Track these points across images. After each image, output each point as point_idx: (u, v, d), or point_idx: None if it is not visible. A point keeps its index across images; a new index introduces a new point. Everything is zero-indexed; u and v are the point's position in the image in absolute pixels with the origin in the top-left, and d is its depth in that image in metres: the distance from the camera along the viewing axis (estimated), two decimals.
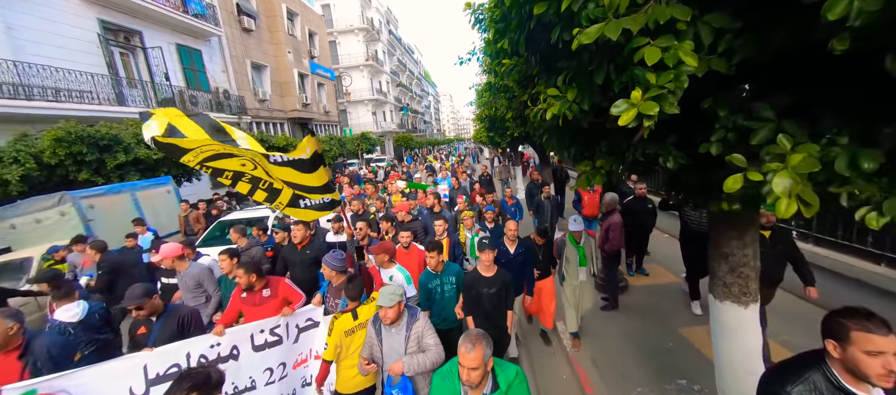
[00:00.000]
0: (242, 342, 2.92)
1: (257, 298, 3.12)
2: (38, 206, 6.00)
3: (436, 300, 3.15)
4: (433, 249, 3.10)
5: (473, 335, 1.74)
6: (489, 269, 2.95)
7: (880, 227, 0.95)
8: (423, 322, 2.38)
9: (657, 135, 1.28)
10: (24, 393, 2.28)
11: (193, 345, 2.77)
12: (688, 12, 0.85)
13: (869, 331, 1.22)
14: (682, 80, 0.88)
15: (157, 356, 2.66)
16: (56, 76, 8.85)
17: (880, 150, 0.87)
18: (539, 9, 1.04)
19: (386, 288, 2.31)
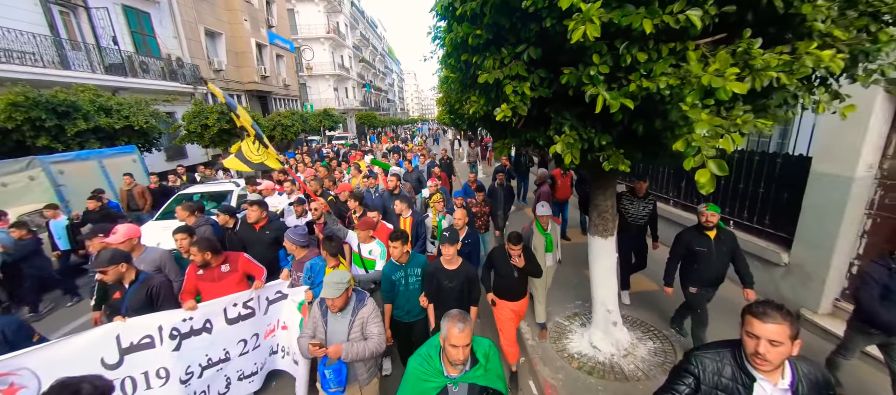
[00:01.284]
0: (216, 315, 2.97)
1: (216, 273, 3.12)
2: (4, 170, 6.03)
3: (399, 292, 3.00)
4: (397, 238, 2.91)
5: (458, 314, 1.76)
6: (452, 261, 2.81)
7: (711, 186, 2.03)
8: (370, 309, 2.34)
9: (532, 125, 2.35)
10: None
11: (166, 318, 2.77)
12: (523, 68, 1.86)
13: (753, 315, 1.34)
14: (527, 99, 1.90)
15: (129, 326, 2.65)
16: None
17: (612, 134, 1.99)
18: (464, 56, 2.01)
19: (332, 277, 2.26)
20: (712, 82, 1.36)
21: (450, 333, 1.72)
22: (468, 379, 1.78)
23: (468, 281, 2.84)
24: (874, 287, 2.49)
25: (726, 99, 1.38)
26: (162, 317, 2.75)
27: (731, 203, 4.88)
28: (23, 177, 6.09)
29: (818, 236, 3.73)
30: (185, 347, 2.84)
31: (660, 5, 1.47)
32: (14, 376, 2.26)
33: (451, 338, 1.72)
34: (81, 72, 10.36)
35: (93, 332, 2.58)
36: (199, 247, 3.03)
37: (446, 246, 2.77)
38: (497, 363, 1.89)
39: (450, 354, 1.74)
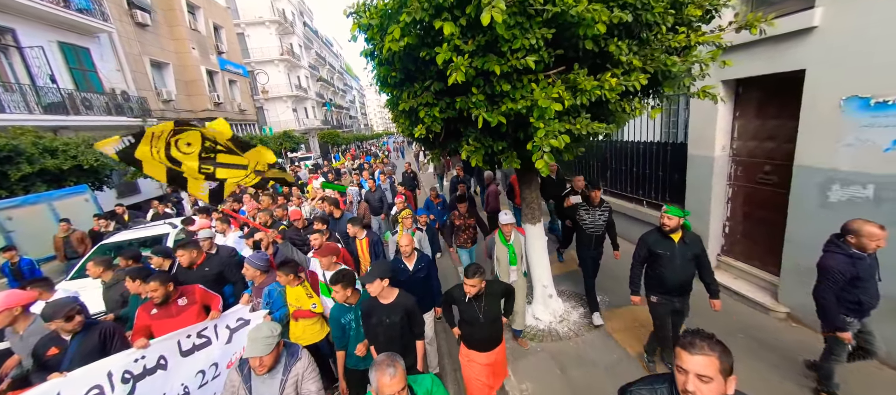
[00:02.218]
0: (169, 350, 2.80)
1: (173, 309, 2.98)
2: None
3: (350, 337, 2.74)
4: (338, 281, 2.59)
5: (385, 359, 1.60)
6: (385, 295, 2.51)
7: (545, 172, 2.75)
8: (305, 363, 2.07)
9: (451, 139, 3.00)
10: None
11: (114, 362, 2.54)
12: (432, 97, 2.51)
13: (682, 348, 1.25)
14: (439, 120, 2.54)
15: (71, 380, 2.34)
16: None
17: (506, 141, 2.69)
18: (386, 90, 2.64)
19: (257, 332, 1.97)
20: (543, 103, 2.05)
21: (380, 384, 1.55)
22: None
23: (407, 315, 2.54)
24: (840, 280, 2.45)
25: (551, 115, 2.06)
26: (110, 362, 2.51)
27: (643, 185, 5.82)
28: None
29: (698, 205, 4.66)
30: (139, 389, 2.60)
31: (511, 53, 2.15)
32: None
33: (382, 389, 1.54)
34: (18, 114, 9.94)
35: (36, 390, 2.23)
36: (161, 280, 2.88)
37: (374, 283, 2.41)
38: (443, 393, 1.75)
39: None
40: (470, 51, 2.09)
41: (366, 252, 4.23)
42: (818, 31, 3.14)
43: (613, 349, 3.78)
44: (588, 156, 7.36)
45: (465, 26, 2.05)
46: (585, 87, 2.20)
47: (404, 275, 3.23)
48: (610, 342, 3.90)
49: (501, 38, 2.00)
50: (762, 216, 4.12)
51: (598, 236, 4.07)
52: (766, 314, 3.93)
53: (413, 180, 9.40)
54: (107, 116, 12.84)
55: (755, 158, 4.12)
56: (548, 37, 2.13)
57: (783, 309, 3.81)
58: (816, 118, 3.25)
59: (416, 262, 3.32)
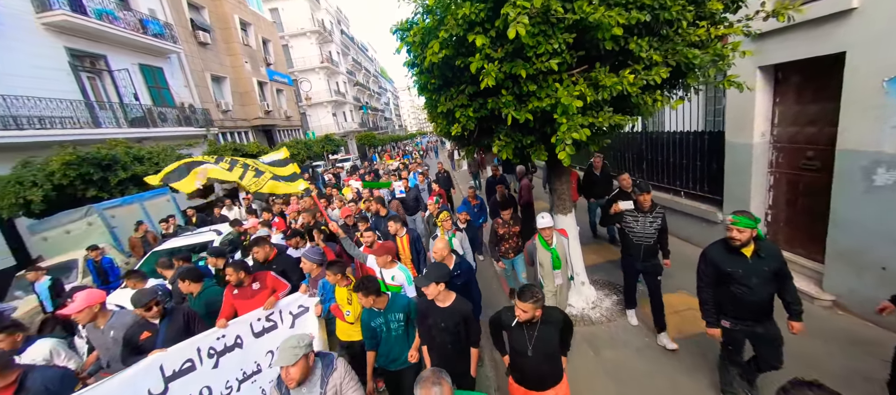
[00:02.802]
0: (244, 331, 3.14)
1: (248, 292, 3.36)
2: (67, 219, 7.15)
3: (381, 340, 2.72)
4: (359, 289, 2.54)
5: (433, 376, 1.56)
6: (442, 299, 2.44)
7: (567, 162, 3.00)
8: (343, 371, 2.02)
9: (484, 136, 3.33)
10: None
11: (202, 340, 2.91)
12: (466, 99, 2.83)
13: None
14: (473, 119, 2.87)
15: (170, 355, 2.76)
16: (40, 106, 9.59)
17: (535, 136, 2.96)
18: (426, 94, 3.01)
19: (286, 341, 1.92)
20: (566, 100, 2.31)
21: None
22: None
23: (464, 321, 2.43)
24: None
25: (573, 111, 2.32)
26: (198, 340, 2.90)
27: (680, 175, 5.76)
28: (82, 223, 7.20)
29: (737, 194, 4.60)
30: (222, 364, 3.00)
31: (536, 57, 2.43)
32: None
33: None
34: (111, 128, 11.61)
35: (136, 367, 2.63)
36: (235, 268, 3.32)
37: (430, 287, 2.36)
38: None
39: None
40: (499, 58, 2.41)
41: (406, 248, 4.33)
42: (857, 13, 3.07)
43: (645, 333, 3.90)
44: (623, 148, 7.33)
45: (495, 37, 2.37)
46: (606, 83, 2.44)
47: None
48: (642, 327, 4.02)
49: (527, 46, 2.30)
50: (805, 203, 4.02)
51: (647, 246, 3.49)
52: (812, 303, 3.84)
53: (447, 180, 9.48)
54: (178, 127, 14.53)
55: (796, 144, 4.03)
56: (569, 41, 2.40)
57: (829, 297, 3.72)
58: (859, 101, 3.18)
59: (453, 268, 3.11)
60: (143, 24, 13.74)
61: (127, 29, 12.83)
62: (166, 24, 14.91)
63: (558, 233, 3.61)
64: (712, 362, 3.24)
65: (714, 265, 2.55)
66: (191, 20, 16.94)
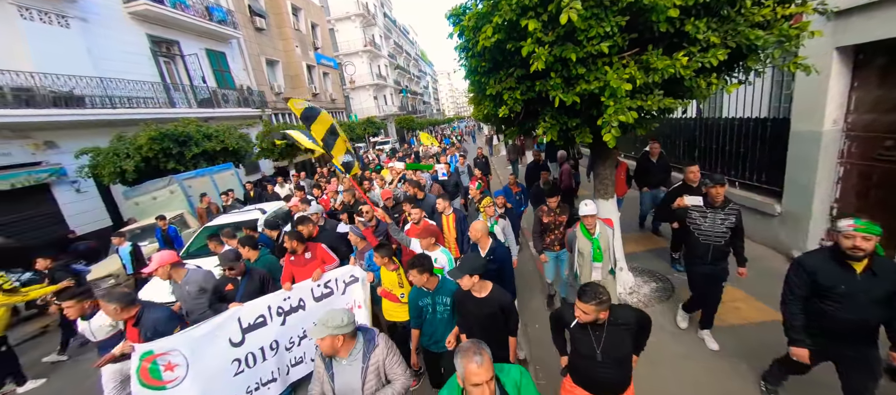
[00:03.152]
0: (306, 295, 3.49)
1: (302, 260, 3.71)
2: (153, 187, 8.24)
3: (426, 320, 2.74)
4: (414, 266, 2.55)
5: (472, 346, 1.54)
6: (478, 289, 2.41)
7: (612, 144, 3.05)
8: (384, 347, 2.01)
9: (528, 119, 3.44)
10: (143, 353, 2.74)
11: (272, 299, 3.30)
12: (514, 82, 2.94)
13: None
14: (520, 102, 2.99)
15: (247, 309, 3.17)
16: (128, 87, 10.91)
17: (580, 118, 3.02)
18: (475, 78, 3.16)
19: (321, 318, 1.95)
20: (614, 83, 2.37)
21: (467, 370, 1.48)
22: None
23: (502, 310, 2.40)
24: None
25: (622, 94, 2.38)
26: (268, 299, 3.28)
27: (736, 165, 5.46)
28: (165, 191, 8.25)
29: (800, 185, 4.32)
30: (288, 322, 3.40)
31: (587, 41, 2.50)
32: (169, 355, 2.84)
33: (469, 377, 1.48)
34: (183, 108, 12.92)
35: (220, 316, 3.07)
36: (290, 237, 3.69)
37: (463, 279, 2.32)
38: (532, 391, 1.64)
39: (472, 393, 1.47)
40: (550, 41, 2.51)
41: (452, 228, 4.34)
42: None
43: (683, 319, 3.89)
44: (674, 134, 7.00)
45: (547, 21, 2.46)
46: (657, 66, 2.45)
47: None
48: (682, 315, 4.00)
49: (578, 29, 2.38)
50: (879, 196, 3.72)
51: (717, 247, 3.11)
52: None
53: (486, 165, 9.37)
54: (237, 108, 15.80)
55: (873, 132, 3.70)
56: (621, 23, 2.43)
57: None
58: None
59: (487, 252, 3.12)
60: (209, 12, 14.91)
61: (196, 16, 14.02)
62: (228, 10, 16.04)
63: (602, 222, 3.33)
64: (750, 350, 3.22)
65: (811, 276, 2.17)
66: (248, 6, 18.05)
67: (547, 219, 3.98)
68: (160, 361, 2.83)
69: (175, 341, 2.86)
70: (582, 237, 3.31)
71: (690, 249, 3.30)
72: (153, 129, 8.91)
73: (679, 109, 3.19)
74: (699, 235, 3.18)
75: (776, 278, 2.85)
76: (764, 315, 3.66)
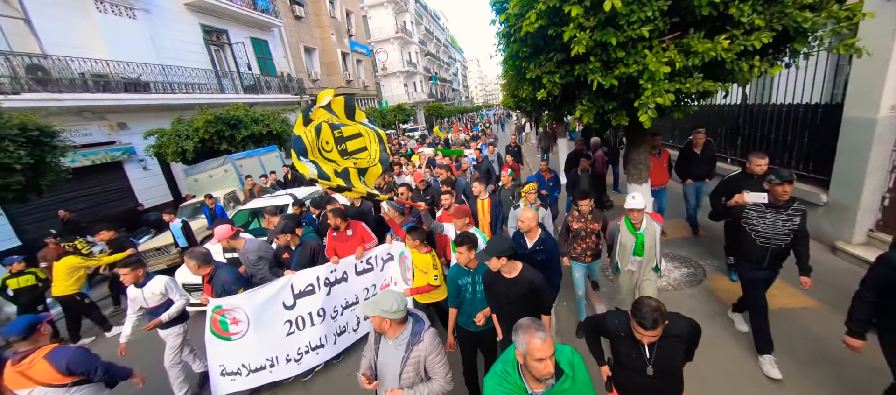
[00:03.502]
0: (349, 269, 3.84)
1: (344, 236, 3.97)
2: (210, 166, 9.06)
3: (465, 299, 2.75)
4: (463, 242, 2.57)
5: (532, 323, 1.59)
6: (508, 269, 2.37)
7: (648, 125, 3.16)
8: (429, 345, 1.96)
9: (565, 102, 3.58)
10: (214, 306, 3.28)
11: (321, 270, 3.64)
12: (553, 66, 3.08)
13: None
14: (558, 85, 3.13)
15: (299, 277, 3.54)
16: (185, 74, 11.85)
17: (617, 102, 3.13)
18: (516, 63, 3.33)
19: (381, 295, 1.99)
20: (653, 67, 2.49)
21: (531, 346, 1.53)
22: (556, 394, 1.61)
23: (532, 291, 2.36)
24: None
25: (660, 77, 2.49)
26: (317, 270, 3.63)
27: (781, 153, 5.28)
28: (220, 170, 9.05)
29: (850, 175, 4.17)
30: (333, 292, 3.73)
31: (628, 25, 2.61)
32: (235, 311, 3.31)
33: (533, 352, 1.53)
34: (231, 94, 13.84)
35: (277, 282, 3.47)
36: (334, 214, 3.93)
37: (492, 261, 2.31)
38: (584, 371, 1.69)
39: (535, 369, 1.54)
40: (591, 26, 2.64)
41: (487, 212, 4.39)
42: None
43: (714, 304, 3.95)
44: (716, 121, 6.79)
45: (589, 7, 2.60)
46: (698, 49, 2.54)
47: (521, 251, 2.95)
48: (711, 298, 4.06)
49: (620, 14, 2.50)
50: None
51: (775, 250, 2.79)
52: None
53: (517, 153, 9.32)
54: (279, 94, 16.65)
55: None
56: (664, 8, 2.53)
57: None
58: None
59: (536, 240, 3.01)
60: (254, 1, 15.70)
61: (242, 5, 14.83)
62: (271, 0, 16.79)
63: (650, 218, 3.11)
64: (782, 334, 3.23)
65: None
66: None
67: (577, 225, 3.47)
68: (227, 315, 3.30)
69: (239, 300, 3.27)
70: (626, 231, 3.12)
71: (745, 252, 2.95)
72: (209, 113, 9.71)
73: (721, 95, 3.21)
74: (756, 236, 2.83)
75: (814, 266, 2.88)
76: (798, 301, 3.66)
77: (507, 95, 8.71)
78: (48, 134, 5.82)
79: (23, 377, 2.39)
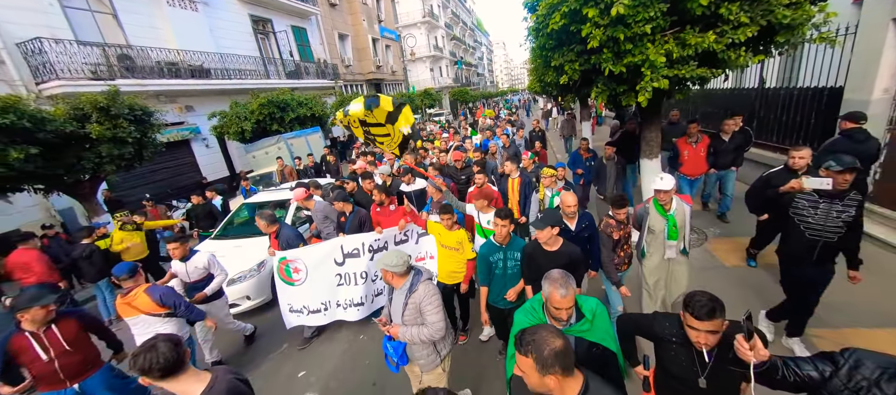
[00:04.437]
0: (390, 239, 4.10)
1: (387, 211, 4.31)
2: (265, 144, 10.29)
3: (495, 276, 2.81)
4: (506, 216, 2.71)
5: (561, 277, 1.69)
6: (550, 243, 2.52)
7: (645, 104, 3.77)
8: (423, 294, 2.25)
9: (584, 86, 4.28)
10: (280, 257, 3.89)
11: (366, 237, 4.03)
12: (574, 55, 3.75)
13: None
14: (577, 71, 3.82)
15: (348, 240, 3.99)
16: (238, 60, 13.12)
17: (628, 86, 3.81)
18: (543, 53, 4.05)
19: (384, 255, 2.32)
20: (653, 57, 3.15)
21: (552, 297, 1.67)
22: (573, 333, 1.73)
23: (571, 263, 2.45)
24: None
25: (659, 66, 3.15)
26: (363, 236, 4.03)
27: (791, 134, 5.70)
28: (275, 148, 10.27)
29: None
30: (375, 258, 4.02)
31: (635, 23, 3.27)
32: (296, 262, 3.94)
33: (553, 302, 1.68)
34: (275, 79, 15.09)
35: (331, 242, 4.05)
36: (379, 190, 4.32)
37: (543, 231, 2.45)
38: (605, 320, 1.80)
39: (552, 314, 1.73)
40: (604, 24, 3.32)
41: (516, 191, 4.53)
42: None
43: (713, 260, 4.56)
44: (734, 105, 7.15)
45: (602, 9, 3.28)
46: (691, 42, 3.18)
47: (566, 235, 2.94)
48: (712, 257, 4.65)
49: (628, 15, 3.17)
50: None
51: (826, 244, 2.58)
52: None
53: (542, 137, 9.22)
54: (316, 79, 17.82)
55: None
56: (663, 9, 3.17)
57: None
58: None
59: (578, 222, 3.10)
60: None
61: None
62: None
63: (679, 199, 3.03)
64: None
65: None
66: None
67: (618, 233, 3.09)
68: (290, 265, 3.98)
69: (298, 253, 3.93)
70: (655, 214, 3.03)
71: (790, 247, 2.73)
72: (262, 97, 10.90)
73: (722, 80, 3.80)
74: (805, 228, 2.60)
75: None
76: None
77: (534, 80, 9.28)
78: (148, 113, 7.05)
79: (129, 307, 3.02)
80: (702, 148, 5.17)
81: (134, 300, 3.02)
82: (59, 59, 8.11)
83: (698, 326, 1.52)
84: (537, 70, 5.61)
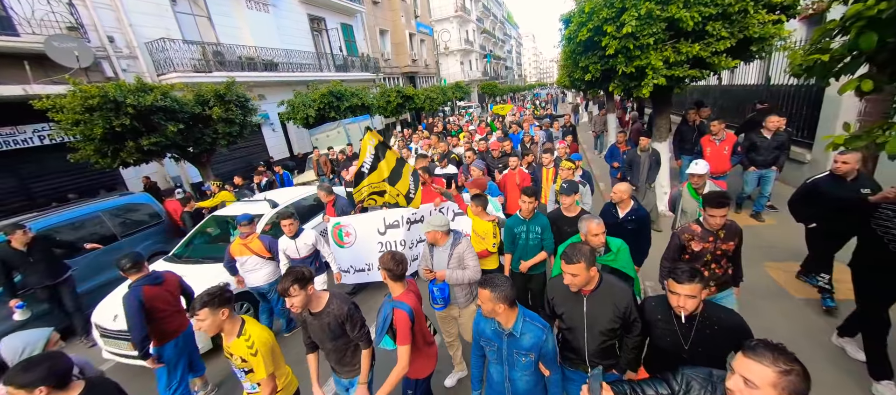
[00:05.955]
0: (426, 214, 4.40)
1: (429, 189, 4.61)
2: (327, 129, 12.04)
3: (518, 246, 3.29)
4: (532, 194, 3.21)
5: (593, 217, 2.30)
6: (570, 209, 3.07)
7: (647, 95, 4.94)
8: (465, 246, 2.85)
9: (604, 82, 5.53)
10: (335, 222, 4.52)
11: (404, 211, 4.36)
12: (597, 58, 5.00)
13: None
14: (599, 70, 5.07)
15: (389, 213, 4.42)
16: (299, 55, 14.97)
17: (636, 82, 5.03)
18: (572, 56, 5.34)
19: (432, 219, 2.88)
20: (654, 62, 4.38)
21: (589, 227, 2.38)
22: (602, 261, 2.22)
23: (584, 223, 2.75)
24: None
25: (658, 67, 4.38)
26: (403, 210, 4.41)
27: (788, 124, 6.63)
28: (335, 132, 11.99)
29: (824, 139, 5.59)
30: (412, 229, 4.47)
31: (641, 36, 4.49)
32: (348, 227, 4.51)
33: (591, 230, 2.36)
34: (327, 72, 16.88)
35: (375, 213, 4.46)
36: (424, 170, 4.89)
37: (563, 197, 3.15)
38: (627, 256, 2.41)
39: (591, 242, 2.28)
40: (619, 37, 4.57)
41: (550, 179, 5.05)
42: None
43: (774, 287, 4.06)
44: (743, 100, 8.06)
45: (617, 26, 4.53)
46: (683, 50, 4.38)
47: (612, 220, 3.14)
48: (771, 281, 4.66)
49: (636, 31, 4.41)
50: None
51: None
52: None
53: (573, 132, 9.50)
54: (360, 73, 19.53)
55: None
56: (663, 27, 4.39)
57: None
58: None
59: (628, 212, 3.18)
60: None
61: None
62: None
63: (712, 183, 3.37)
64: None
65: None
66: None
67: (699, 246, 2.53)
68: (343, 229, 4.57)
69: (349, 219, 4.59)
70: (688, 196, 3.48)
71: (871, 261, 2.57)
72: (322, 88, 12.64)
73: (746, 77, 4.93)
74: (889, 241, 2.40)
75: None
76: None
77: (563, 75, 10.42)
78: (248, 100, 8.84)
79: (245, 248, 3.88)
80: (726, 146, 5.18)
81: (250, 243, 3.94)
82: (176, 55, 10.09)
83: (679, 289, 1.68)
84: (567, 67, 6.84)
